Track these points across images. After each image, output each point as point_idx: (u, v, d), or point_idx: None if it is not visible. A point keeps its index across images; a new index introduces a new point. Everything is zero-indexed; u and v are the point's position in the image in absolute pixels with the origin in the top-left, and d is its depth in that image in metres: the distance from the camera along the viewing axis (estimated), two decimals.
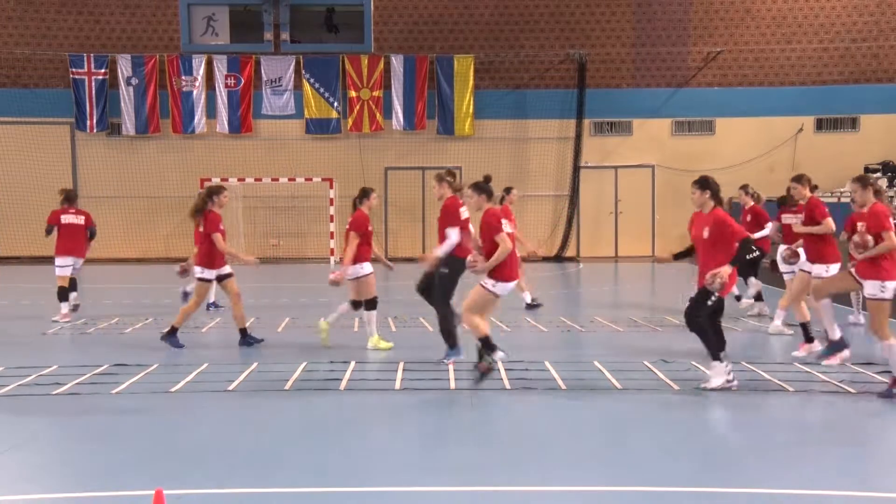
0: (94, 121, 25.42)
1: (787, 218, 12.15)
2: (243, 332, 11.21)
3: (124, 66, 25.42)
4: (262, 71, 25.53)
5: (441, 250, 9.64)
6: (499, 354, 9.04)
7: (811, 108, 25.80)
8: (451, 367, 9.59)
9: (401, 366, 9.64)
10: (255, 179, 24.80)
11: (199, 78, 25.48)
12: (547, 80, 26.02)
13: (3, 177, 25.18)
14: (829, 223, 10.28)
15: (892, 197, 20.62)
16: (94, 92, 25.36)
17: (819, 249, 10.46)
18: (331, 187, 24.47)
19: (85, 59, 25.34)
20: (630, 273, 21.84)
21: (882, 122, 25.61)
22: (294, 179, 24.71)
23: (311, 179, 24.68)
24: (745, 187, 14.12)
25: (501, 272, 8.82)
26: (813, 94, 25.80)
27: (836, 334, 9.67)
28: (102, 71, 25.35)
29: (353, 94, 25.55)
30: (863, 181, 9.11)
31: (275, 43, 25.75)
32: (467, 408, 8.10)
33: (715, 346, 8.49)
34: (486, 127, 25.70)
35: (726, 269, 8.22)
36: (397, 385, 8.87)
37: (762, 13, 25.98)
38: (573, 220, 25.75)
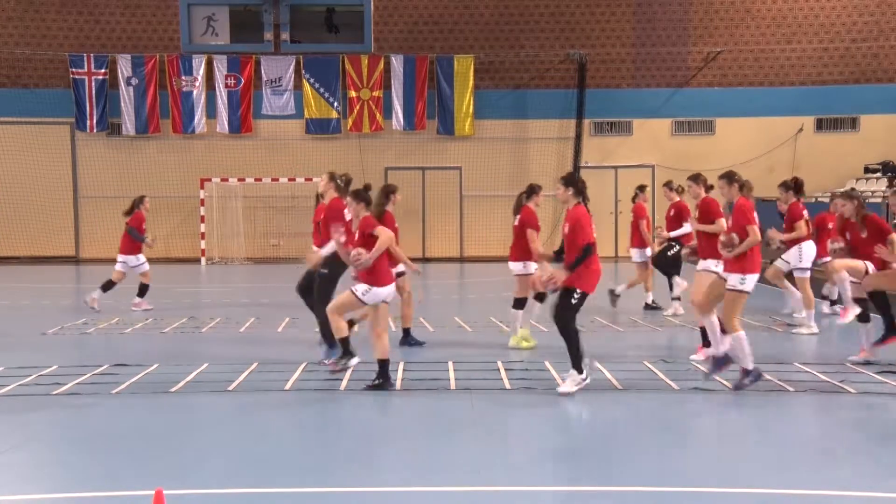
0: (94, 121, 25.43)
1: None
2: (407, 331, 11.11)
3: (124, 66, 25.43)
4: (262, 71, 25.53)
5: (325, 250, 9.61)
6: (354, 360, 8.86)
7: (811, 108, 25.80)
8: (450, 367, 9.60)
9: (401, 366, 9.64)
10: (255, 179, 24.80)
11: (199, 78, 25.48)
12: (547, 80, 26.02)
13: (3, 177, 25.18)
14: (722, 223, 10.15)
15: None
16: (94, 92, 25.37)
17: (714, 247, 10.41)
18: None
19: (85, 59, 25.34)
20: (630, 273, 21.78)
21: (882, 122, 25.61)
22: (294, 179, 24.71)
23: (311, 179, 24.64)
24: (668, 183, 14.30)
25: (376, 277, 8.61)
26: (813, 94, 25.80)
27: (722, 348, 9.04)
28: (102, 71, 25.35)
29: (353, 94, 25.55)
30: (728, 177, 9.03)
31: (275, 43, 25.76)
32: (467, 408, 8.09)
33: (577, 353, 8.36)
34: (486, 127, 25.70)
35: (561, 276, 8.28)
36: (398, 385, 8.87)
37: (762, 13, 25.98)
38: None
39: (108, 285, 14.47)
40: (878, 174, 23.73)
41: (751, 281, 8.52)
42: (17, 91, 25.36)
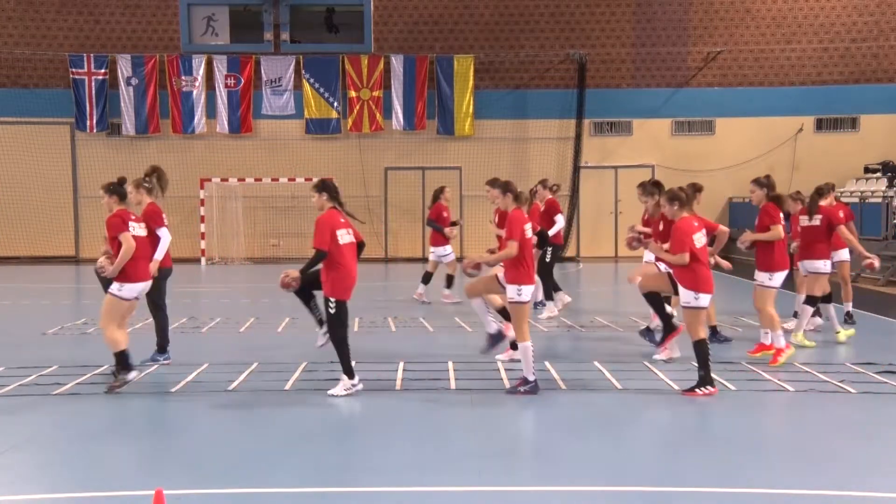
0: (94, 121, 25.42)
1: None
2: (714, 329, 11.09)
3: (124, 66, 25.42)
4: (262, 71, 25.53)
5: (160, 253, 9.70)
6: (132, 374, 8.74)
7: (811, 108, 25.80)
8: (450, 367, 9.60)
9: (401, 366, 9.65)
10: (255, 179, 24.80)
11: (199, 78, 25.48)
12: (547, 80, 26.02)
13: (3, 177, 25.18)
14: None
15: (892, 197, 20.60)
16: (94, 92, 25.36)
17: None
18: None
19: (85, 59, 25.34)
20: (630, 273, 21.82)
21: (882, 122, 25.60)
22: (294, 179, 24.70)
23: (311, 179, 24.57)
24: (543, 181, 14.29)
25: (126, 274, 8.67)
26: (813, 94, 25.80)
27: (491, 328, 9.80)
28: (102, 71, 25.35)
29: (353, 94, 25.55)
30: (498, 184, 8.99)
31: (275, 43, 25.75)
32: (467, 408, 8.10)
33: (347, 360, 8.45)
34: (486, 127, 25.70)
35: (294, 274, 8.57)
36: (398, 385, 8.87)
37: (762, 13, 25.98)
38: (573, 220, 25.74)
39: (427, 277, 14.90)
40: (878, 174, 23.72)
41: (526, 292, 8.51)
42: (17, 91, 25.36)
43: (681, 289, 8.62)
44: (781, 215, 10.12)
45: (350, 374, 8.47)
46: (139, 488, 5.70)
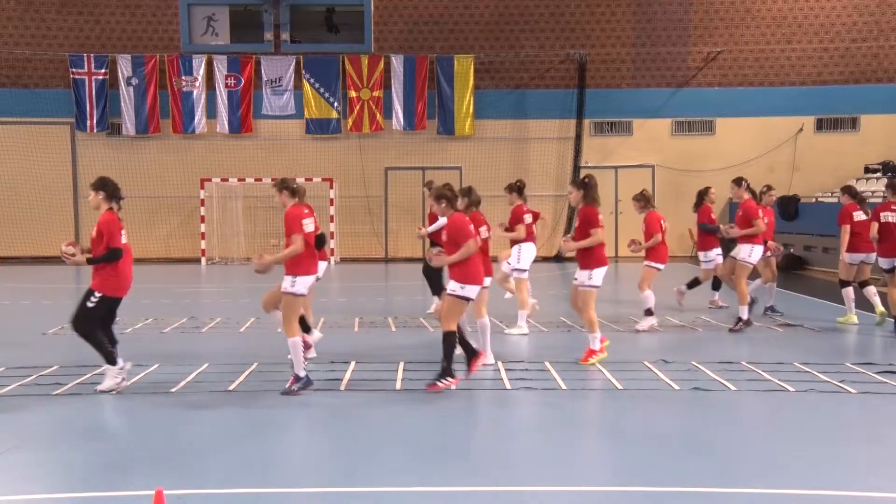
0: (95, 121, 25.43)
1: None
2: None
3: (124, 66, 25.43)
4: (263, 71, 25.53)
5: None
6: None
7: (811, 108, 25.80)
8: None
9: (401, 366, 9.65)
10: (255, 179, 24.79)
11: (200, 78, 25.48)
12: (547, 80, 26.02)
13: (4, 177, 25.19)
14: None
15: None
16: (94, 92, 25.37)
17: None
18: (331, 187, 24.48)
19: (85, 59, 25.35)
20: (630, 273, 21.81)
21: (882, 122, 25.61)
22: (294, 179, 24.68)
23: (311, 179, 24.67)
24: (428, 184, 14.31)
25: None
26: (813, 94, 25.80)
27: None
28: (102, 71, 25.36)
29: (353, 94, 25.55)
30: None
31: (275, 43, 25.76)
32: (467, 408, 8.10)
33: (105, 351, 8.51)
34: (486, 127, 25.70)
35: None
36: (398, 385, 8.87)
37: (762, 13, 25.98)
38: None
39: (694, 283, 14.31)
40: (878, 174, 23.72)
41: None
42: (17, 91, 25.37)
43: (452, 281, 8.74)
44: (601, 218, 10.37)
45: (112, 362, 8.52)
46: (139, 488, 5.70)
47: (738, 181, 12.87)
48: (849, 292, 12.66)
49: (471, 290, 8.76)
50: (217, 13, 26.06)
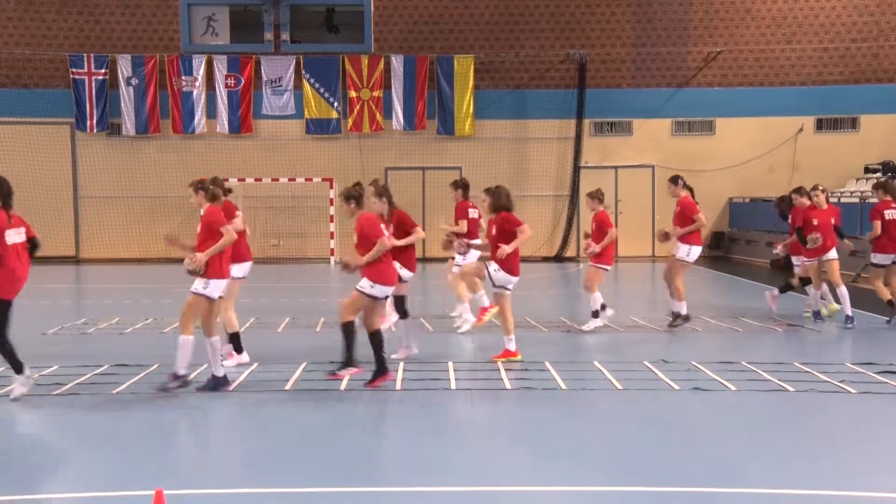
0: (95, 121, 25.43)
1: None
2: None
3: (124, 66, 25.43)
4: (262, 71, 25.53)
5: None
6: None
7: (811, 108, 25.80)
8: (451, 367, 9.60)
9: (401, 366, 9.65)
10: (255, 179, 24.80)
11: (200, 78, 25.48)
12: (547, 80, 26.02)
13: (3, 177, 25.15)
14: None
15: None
16: (94, 92, 25.37)
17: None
18: (331, 187, 24.48)
19: (85, 59, 25.34)
20: (630, 273, 21.83)
21: (882, 122, 25.61)
22: (294, 179, 24.71)
23: (311, 179, 24.71)
24: (373, 182, 14.17)
25: None
26: (813, 94, 25.80)
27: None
28: (102, 71, 25.35)
29: (353, 94, 25.55)
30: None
31: (275, 43, 25.76)
32: (467, 408, 8.10)
33: (14, 360, 8.43)
34: (486, 127, 25.70)
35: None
36: (398, 385, 8.87)
37: (762, 13, 25.98)
38: (573, 220, 25.76)
39: (787, 287, 13.64)
40: (879, 174, 23.71)
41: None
42: (17, 91, 25.36)
43: (364, 279, 8.83)
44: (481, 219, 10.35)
45: (19, 370, 8.39)
46: (139, 488, 5.70)
47: (674, 179, 12.79)
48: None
49: (380, 291, 8.84)
50: (217, 13, 26.05)
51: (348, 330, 8.82)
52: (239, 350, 9.99)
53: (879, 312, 13.11)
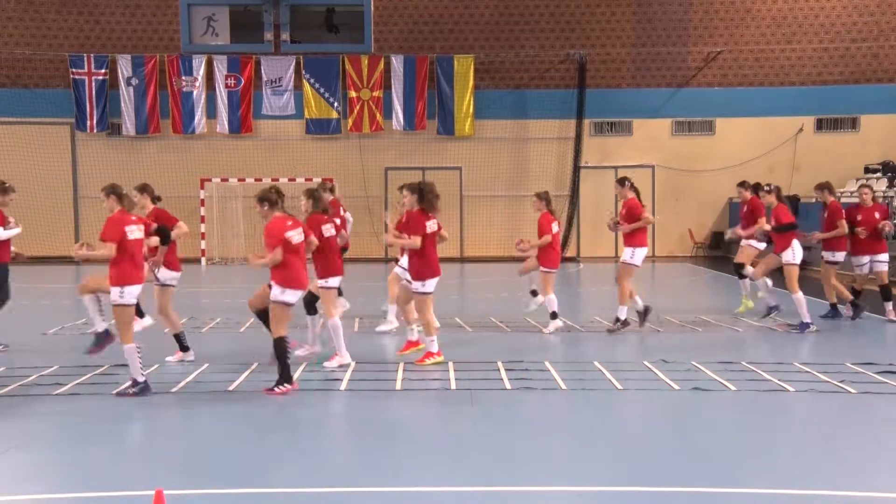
0: (95, 121, 25.43)
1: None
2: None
3: (124, 66, 25.43)
4: (262, 71, 25.53)
5: None
6: None
7: (811, 108, 25.80)
8: (450, 367, 9.60)
9: (401, 366, 9.65)
10: (255, 179, 24.75)
11: (200, 78, 25.48)
12: (547, 80, 26.02)
13: (3, 177, 24.93)
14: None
15: (892, 197, 20.59)
16: (94, 92, 25.36)
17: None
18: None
19: (85, 59, 25.34)
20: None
21: (882, 122, 25.60)
22: (294, 179, 24.67)
23: (311, 179, 24.61)
24: (322, 184, 14.19)
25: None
26: (813, 94, 25.80)
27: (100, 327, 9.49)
28: (102, 71, 25.35)
29: (353, 94, 25.55)
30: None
31: (275, 43, 25.76)
32: (467, 408, 8.09)
33: None
34: (486, 127, 25.70)
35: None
36: (397, 385, 8.87)
37: (762, 13, 25.97)
38: (573, 220, 25.75)
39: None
40: (878, 174, 23.71)
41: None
42: (17, 91, 25.35)
43: (274, 285, 8.76)
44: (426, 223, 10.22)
45: None
46: (139, 488, 5.70)
47: (621, 181, 12.86)
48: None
49: (290, 295, 8.73)
50: (217, 13, 26.05)
51: (280, 346, 8.58)
52: (184, 348, 10.17)
53: (879, 312, 13.11)
